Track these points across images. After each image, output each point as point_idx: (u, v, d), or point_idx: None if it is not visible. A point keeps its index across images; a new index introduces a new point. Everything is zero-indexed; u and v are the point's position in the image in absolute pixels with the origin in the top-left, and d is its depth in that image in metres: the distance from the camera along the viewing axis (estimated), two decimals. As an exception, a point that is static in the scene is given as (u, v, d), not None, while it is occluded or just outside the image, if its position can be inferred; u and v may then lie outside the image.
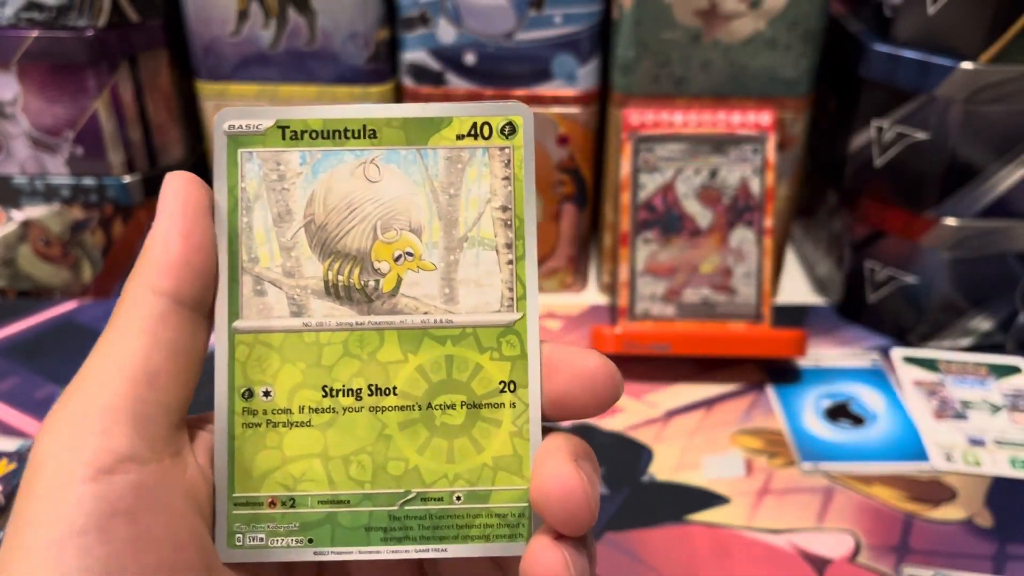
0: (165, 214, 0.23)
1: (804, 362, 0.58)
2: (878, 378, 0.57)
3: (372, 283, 0.23)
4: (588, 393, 0.24)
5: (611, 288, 0.65)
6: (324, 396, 0.23)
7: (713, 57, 0.56)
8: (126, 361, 0.22)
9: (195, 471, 0.23)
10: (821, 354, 0.59)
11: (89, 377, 0.22)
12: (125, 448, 0.21)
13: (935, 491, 0.48)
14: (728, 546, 0.44)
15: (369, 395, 0.23)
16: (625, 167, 0.57)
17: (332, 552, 0.23)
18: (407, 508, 0.23)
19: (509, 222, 0.23)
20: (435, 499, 0.23)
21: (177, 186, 0.23)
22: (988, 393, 0.55)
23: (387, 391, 0.23)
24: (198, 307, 0.23)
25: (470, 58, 0.58)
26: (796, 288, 0.68)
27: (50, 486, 0.20)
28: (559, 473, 0.22)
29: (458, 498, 0.23)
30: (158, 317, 0.22)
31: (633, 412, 0.53)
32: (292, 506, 0.23)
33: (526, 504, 0.23)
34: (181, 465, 0.22)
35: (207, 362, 0.24)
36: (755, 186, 0.57)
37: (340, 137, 0.23)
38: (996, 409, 0.54)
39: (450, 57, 0.58)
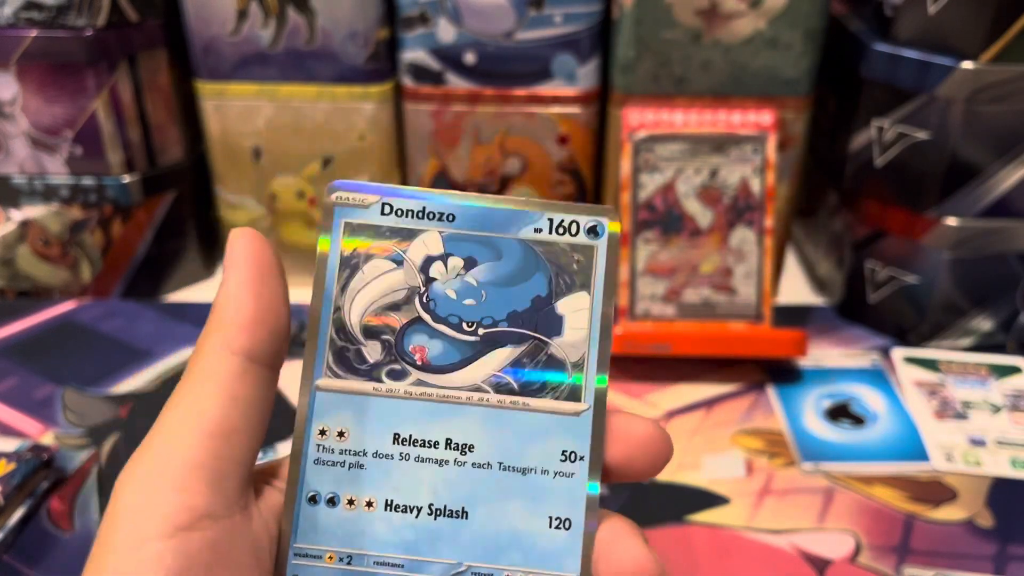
0: (235, 272, 0.24)
1: (804, 362, 0.58)
2: (879, 378, 0.57)
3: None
4: (646, 458, 0.25)
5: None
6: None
7: (713, 57, 0.56)
8: (204, 418, 0.22)
9: (260, 524, 0.23)
10: (821, 354, 0.59)
11: (167, 432, 0.22)
12: (203, 505, 0.21)
13: (936, 491, 0.48)
14: (728, 546, 0.44)
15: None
16: (625, 167, 0.57)
17: None
18: None
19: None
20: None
21: (244, 244, 0.24)
22: (989, 393, 0.55)
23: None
24: (270, 363, 0.24)
25: (470, 57, 0.58)
26: (796, 288, 0.68)
27: (130, 541, 0.21)
28: (637, 556, 0.23)
29: None
30: (234, 375, 0.23)
31: (633, 412, 0.53)
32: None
33: None
34: (248, 519, 0.23)
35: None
36: (755, 186, 0.57)
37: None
38: (997, 409, 0.54)
39: (450, 56, 0.58)
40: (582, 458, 0.24)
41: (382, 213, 0.24)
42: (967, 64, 0.51)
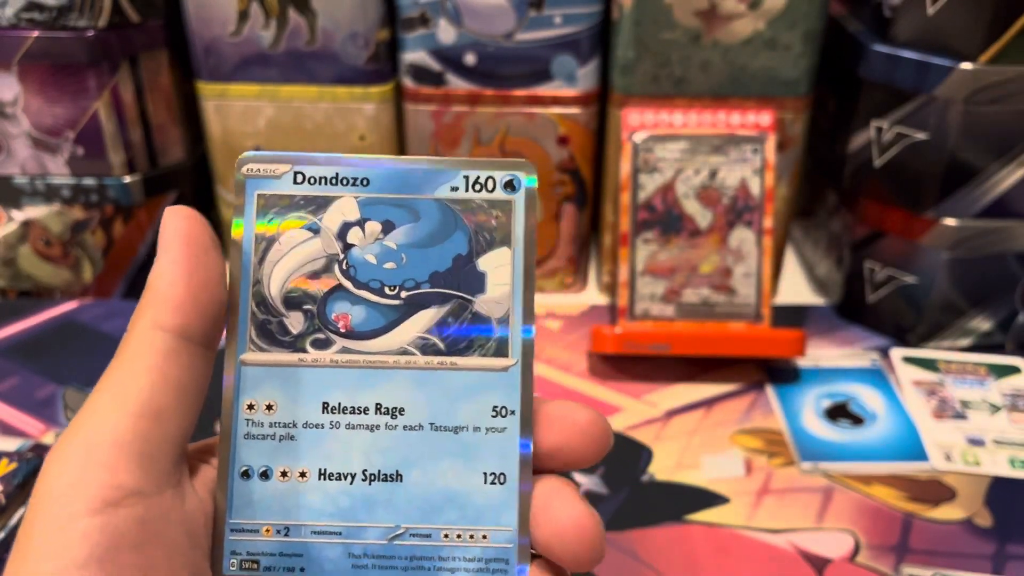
0: (168, 251, 0.23)
1: (804, 362, 0.58)
2: (878, 378, 0.57)
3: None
4: (583, 445, 0.24)
5: (611, 288, 0.65)
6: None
7: (713, 57, 0.56)
8: (132, 398, 0.22)
9: (194, 502, 0.23)
10: (820, 354, 0.59)
11: (96, 412, 0.22)
12: (131, 483, 0.21)
13: (934, 491, 0.48)
14: (728, 546, 0.44)
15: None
16: (625, 167, 0.57)
17: None
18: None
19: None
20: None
21: (178, 222, 0.23)
22: (987, 393, 0.55)
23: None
24: (203, 341, 0.24)
25: (470, 58, 0.58)
26: (796, 288, 0.68)
27: (56, 517, 0.21)
28: (572, 513, 0.23)
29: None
30: (164, 354, 0.23)
31: (633, 412, 0.53)
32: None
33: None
34: (181, 497, 0.23)
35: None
36: (755, 186, 0.57)
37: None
38: (995, 409, 0.54)
39: (450, 57, 0.58)
40: (513, 412, 0.24)
41: (295, 182, 0.24)
42: (966, 65, 0.51)
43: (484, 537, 0.24)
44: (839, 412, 0.54)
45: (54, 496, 0.21)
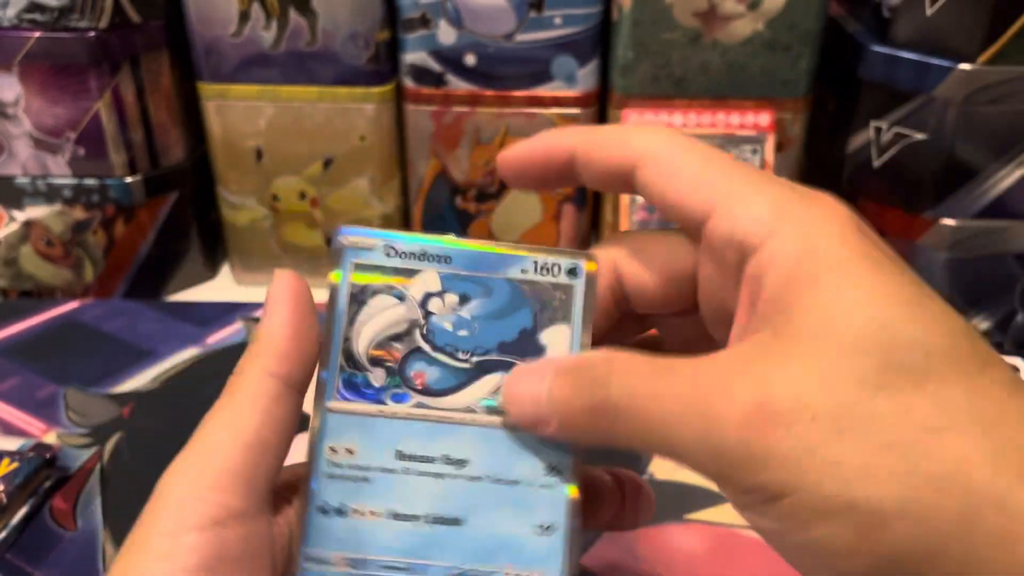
0: (277, 308, 0.27)
1: (803, 362, 0.58)
2: (877, 378, 0.57)
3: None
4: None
5: (611, 288, 0.66)
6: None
7: (712, 58, 0.57)
8: (243, 431, 0.25)
9: (277, 530, 0.26)
10: (820, 354, 0.59)
11: (208, 440, 0.25)
12: (236, 506, 0.24)
13: (933, 490, 0.48)
14: (728, 545, 0.44)
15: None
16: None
17: None
18: None
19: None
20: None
21: (287, 283, 0.27)
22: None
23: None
24: (300, 388, 0.27)
25: (470, 59, 0.58)
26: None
27: (170, 528, 0.23)
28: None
29: None
30: (272, 396, 0.26)
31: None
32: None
33: None
34: (270, 524, 0.26)
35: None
36: (754, 186, 0.57)
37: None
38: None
39: (450, 58, 0.58)
40: (564, 470, 0.26)
41: (386, 255, 0.27)
42: (964, 65, 0.52)
43: None
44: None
45: (168, 509, 0.24)
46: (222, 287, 0.70)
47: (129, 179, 0.63)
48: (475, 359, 0.27)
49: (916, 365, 0.20)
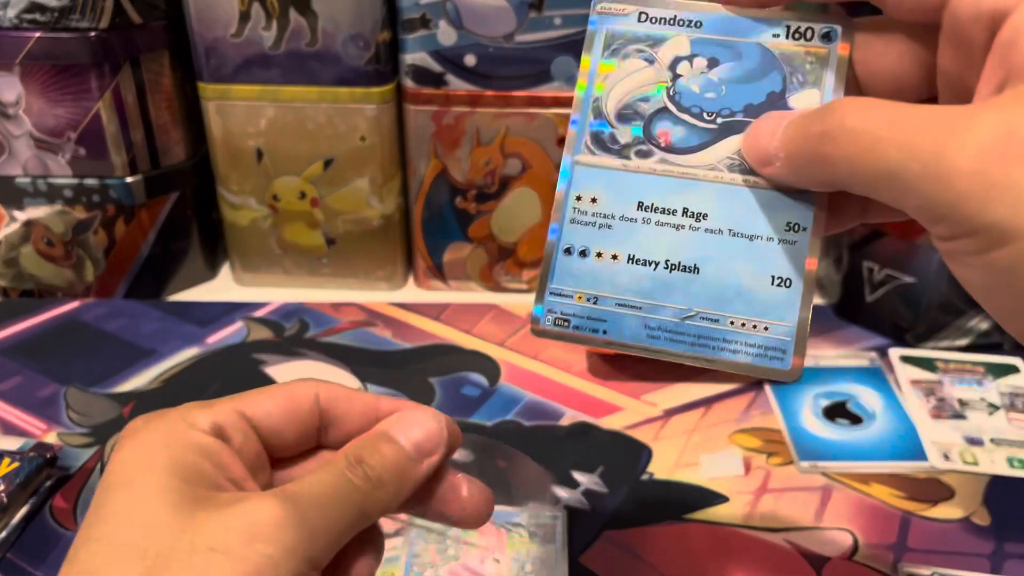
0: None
1: (803, 362, 0.58)
2: (876, 377, 0.57)
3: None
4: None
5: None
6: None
7: (712, 58, 0.57)
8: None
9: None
10: (819, 353, 0.59)
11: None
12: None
13: (933, 490, 0.48)
14: (727, 544, 0.45)
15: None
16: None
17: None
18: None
19: None
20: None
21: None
22: (986, 392, 0.55)
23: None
24: None
25: (470, 60, 0.58)
26: (795, 288, 0.68)
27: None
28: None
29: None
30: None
31: (632, 411, 0.54)
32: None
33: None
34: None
35: None
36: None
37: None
38: (994, 408, 0.54)
39: (450, 58, 0.58)
40: (804, 229, 0.27)
41: (639, 20, 0.28)
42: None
43: (766, 329, 0.27)
44: (838, 411, 0.54)
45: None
46: (222, 287, 0.70)
47: (130, 179, 0.63)
48: (720, 120, 0.27)
49: None
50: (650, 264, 0.28)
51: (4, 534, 0.45)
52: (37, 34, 0.57)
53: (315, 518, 0.24)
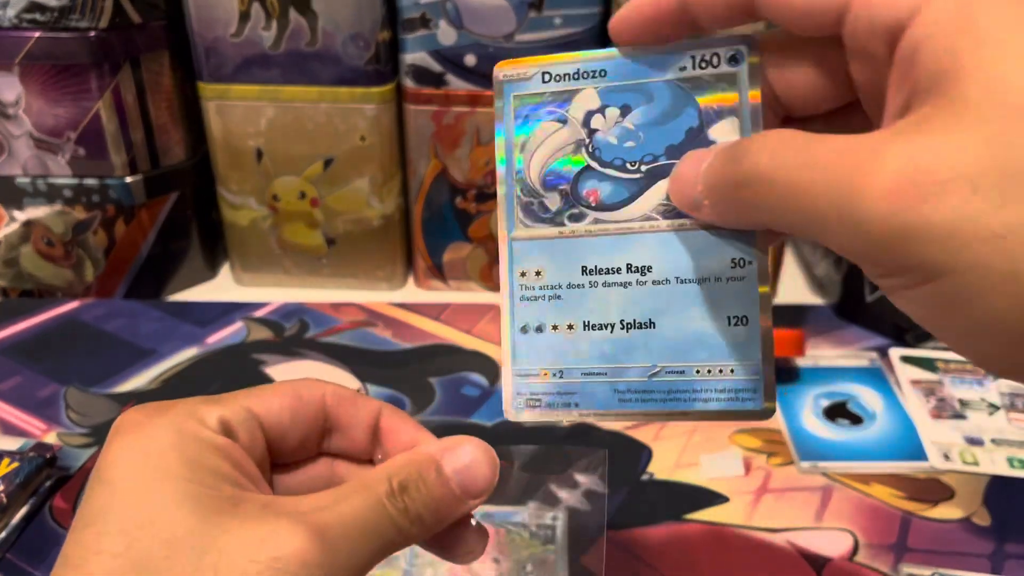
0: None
1: (802, 362, 0.58)
2: (876, 377, 0.57)
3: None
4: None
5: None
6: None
7: (712, 58, 0.56)
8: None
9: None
10: (819, 354, 0.59)
11: None
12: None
13: (933, 490, 0.48)
14: (727, 545, 0.44)
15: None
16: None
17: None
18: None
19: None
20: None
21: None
22: (986, 392, 0.55)
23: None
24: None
25: (470, 59, 0.58)
26: (794, 288, 0.68)
27: None
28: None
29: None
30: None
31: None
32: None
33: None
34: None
35: None
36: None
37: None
38: (994, 408, 0.54)
39: (450, 58, 0.58)
40: (750, 262, 0.26)
41: (543, 81, 0.28)
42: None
43: (732, 371, 0.27)
44: (838, 411, 0.54)
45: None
46: (222, 287, 0.70)
47: (129, 179, 0.63)
48: (645, 168, 0.27)
49: None
50: (606, 327, 0.27)
51: (4, 534, 0.45)
52: (37, 34, 0.57)
53: (344, 552, 0.23)
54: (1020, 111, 0.18)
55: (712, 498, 0.47)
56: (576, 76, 0.27)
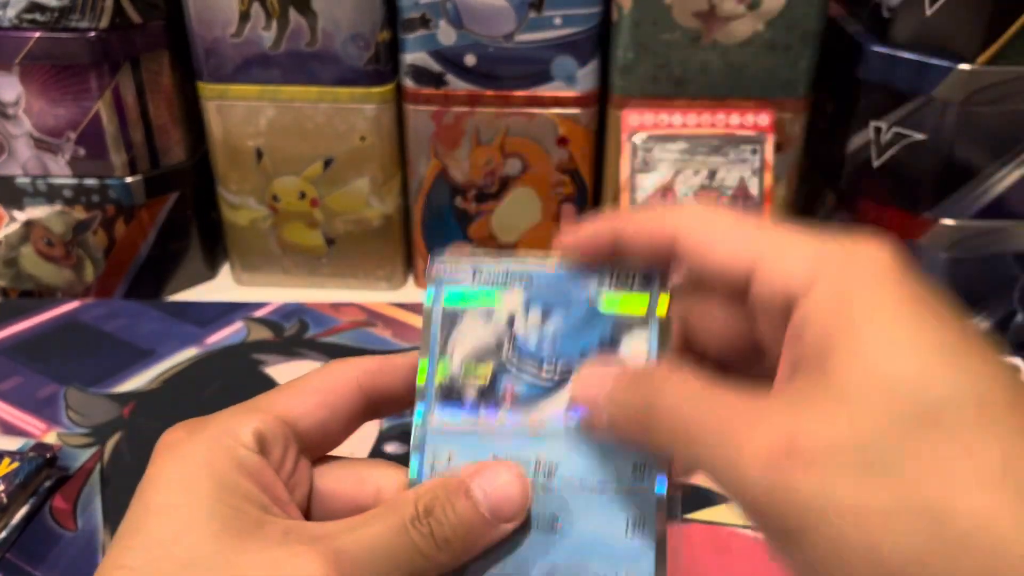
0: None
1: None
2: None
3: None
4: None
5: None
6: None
7: (712, 58, 0.57)
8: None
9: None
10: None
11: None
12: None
13: (932, 490, 0.48)
14: (728, 544, 0.45)
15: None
16: (624, 168, 0.58)
17: None
18: None
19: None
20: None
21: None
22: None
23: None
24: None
25: (470, 59, 0.58)
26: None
27: None
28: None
29: None
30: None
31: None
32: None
33: None
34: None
35: None
36: (753, 187, 0.57)
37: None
38: (993, 408, 0.54)
39: (450, 58, 0.59)
40: (651, 467, 0.27)
41: (473, 279, 0.29)
42: (964, 66, 0.52)
43: None
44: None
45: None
46: (222, 287, 0.70)
47: (129, 179, 0.63)
48: (559, 371, 0.28)
49: (949, 414, 0.19)
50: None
51: (4, 534, 0.45)
52: (37, 34, 0.57)
53: None
54: (880, 393, 0.20)
55: (712, 497, 0.47)
56: (505, 278, 0.29)
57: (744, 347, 0.27)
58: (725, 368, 0.28)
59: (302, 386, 0.28)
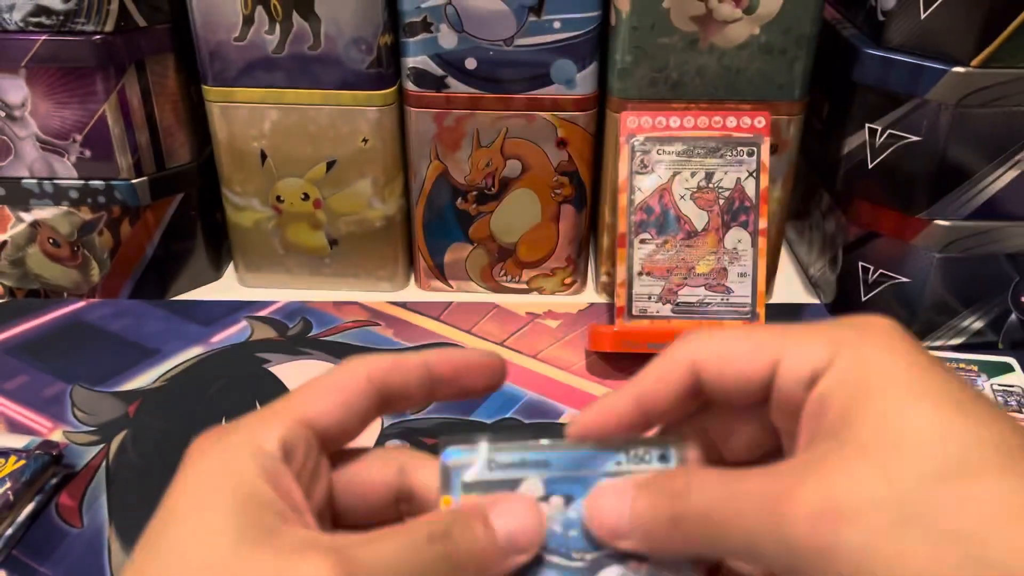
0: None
1: (799, 361, 0.59)
2: (871, 377, 0.57)
3: None
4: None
5: (608, 288, 0.66)
6: None
7: (709, 62, 0.57)
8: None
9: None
10: (816, 353, 0.60)
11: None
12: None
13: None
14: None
15: None
16: (622, 170, 0.58)
17: None
18: None
19: None
20: None
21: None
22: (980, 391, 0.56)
23: None
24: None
25: (471, 63, 0.59)
26: (790, 288, 0.69)
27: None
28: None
29: None
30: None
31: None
32: None
33: None
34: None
35: None
36: (750, 188, 0.58)
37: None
38: (987, 407, 0.54)
39: (451, 62, 0.59)
40: None
41: (489, 469, 0.28)
42: (958, 69, 0.52)
43: None
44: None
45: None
46: (226, 287, 0.71)
47: (135, 181, 0.63)
48: (589, 556, 0.27)
49: (972, 459, 0.21)
50: None
51: (10, 531, 0.46)
52: (43, 37, 0.58)
53: None
54: (907, 447, 0.22)
55: None
56: (522, 465, 0.28)
57: (759, 452, 0.28)
58: (717, 423, 0.29)
59: (321, 386, 0.28)
